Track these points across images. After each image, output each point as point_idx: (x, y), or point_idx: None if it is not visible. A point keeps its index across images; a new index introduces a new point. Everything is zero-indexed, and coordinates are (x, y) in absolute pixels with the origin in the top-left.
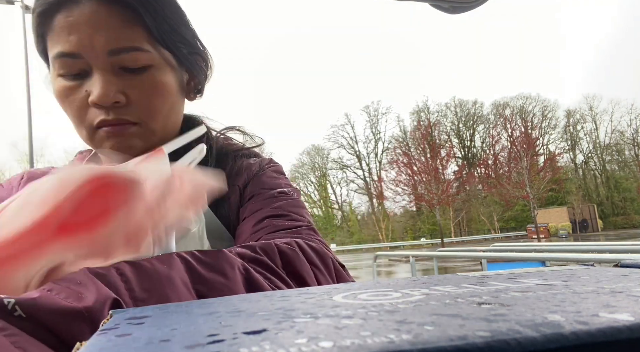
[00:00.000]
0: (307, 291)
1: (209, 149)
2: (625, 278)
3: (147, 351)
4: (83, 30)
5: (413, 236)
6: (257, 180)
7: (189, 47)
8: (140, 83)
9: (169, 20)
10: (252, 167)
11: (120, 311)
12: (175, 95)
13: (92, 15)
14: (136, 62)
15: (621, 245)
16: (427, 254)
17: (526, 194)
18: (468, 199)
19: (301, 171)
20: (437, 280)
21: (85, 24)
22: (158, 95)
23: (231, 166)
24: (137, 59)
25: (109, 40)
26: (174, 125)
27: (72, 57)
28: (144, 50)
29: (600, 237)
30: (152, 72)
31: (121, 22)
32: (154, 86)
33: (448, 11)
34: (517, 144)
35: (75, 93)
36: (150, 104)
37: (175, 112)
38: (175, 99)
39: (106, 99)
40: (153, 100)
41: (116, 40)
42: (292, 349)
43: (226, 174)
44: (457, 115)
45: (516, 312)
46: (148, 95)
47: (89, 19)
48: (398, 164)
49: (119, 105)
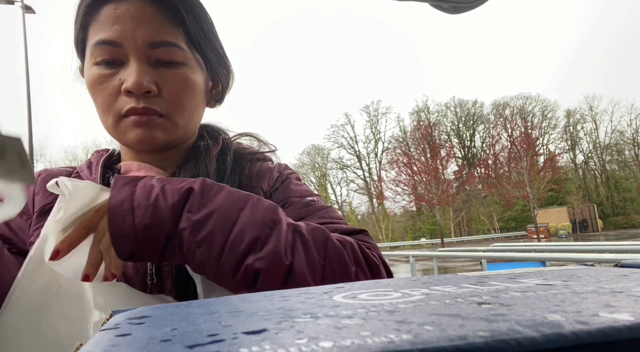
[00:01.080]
0: (307, 290)
1: (227, 151)
2: (625, 278)
3: (147, 351)
4: (128, 21)
5: (413, 236)
6: (286, 188)
7: (217, 56)
8: (173, 77)
9: (204, 27)
10: (272, 171)
11: (120, 311)
12: (201, 97)
13: (137, 10)
14: (172, 57)
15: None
16: (427, 254)
17: (526, 194)
18: (468, 199)
19: (301, 171)
20: (437, 280)
21: (130, 16)
22: (187, 92)
23: (249, 169)
24: (174, 54)
25: (151, 34)
26: (195, 126)
27: (113, 45)
28: (181, 48)
29: (600, 237)
30: (185, 69)
31: (164, 20)
32: (185, 82)
33: (448, 11)
34: (517, 144)
35: (109, 81)
36: (178, 98)
37: (198, 113)
38: (201, 100)
39: (139, 87)
40: (182, 95)
41: (157, 34)
42: (292, 349)
43: (244, 176)
44: (457, 115)
45: (516, 312)
46: (178, 90)
47: (134, 12)
48: (398, 164)
49: (150, 95)
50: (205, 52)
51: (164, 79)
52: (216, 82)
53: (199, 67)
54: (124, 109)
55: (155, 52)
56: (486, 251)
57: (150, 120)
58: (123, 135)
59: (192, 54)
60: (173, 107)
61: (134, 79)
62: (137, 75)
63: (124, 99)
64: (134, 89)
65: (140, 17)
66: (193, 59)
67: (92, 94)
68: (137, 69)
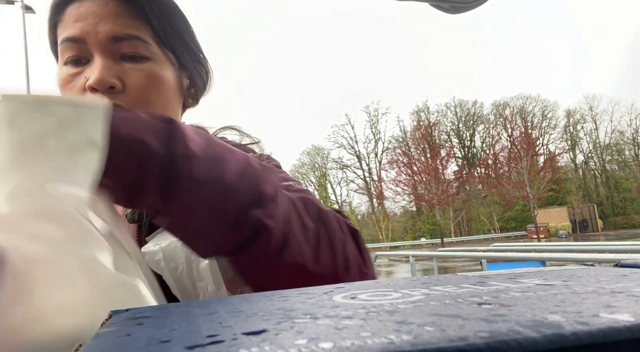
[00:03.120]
0: (306, 291)
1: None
2: (625, 278)
3: (147, 351)
4: (90, 17)
5: (413, 236)
6: None
7: (190, 53)
8: (138, 72)
9: (172, 23)
10: None
11: (120, 311)
12: (172, 93)
13: (100, 6)
14: (137, 51)
15: (621, 245)
16: (427, 254)
17: (526, 194)
18: (468, 199)
19: (301, 171)
20: (437, 280)
21: (92, 13)
22: (154, 87)
23: None
24: (138, 48)
25: (113, 28)
26: None
27: (76, 42)
28: (146, 41)
29: (600, 237)
30: (151, 64)
31: (127, 14)
32: (151, 77)
33: (448, 11)
34: (517, 144)
35: (75, 80)
36: (144, 94)
37: (170, 110)
38: (171, 96)
39: (102, 82)
40: (148, 90)
41: (120, 28)
42: (291, 349)
43: None
44: (457, 115)
45: (516, 313)
46: (144, 85)
47: (97, 9)
48: (398, 164)
49: (115, 91)
50: (175, 49)
51: (129, 74)
52: (192, 80)
53: (167, 62)
54: None
55: (119, 46)
56: (486, 251)
57: None
58: None
59: (159, 49)
60: (138, 103)
61: (97, 75)
62: (100, 71)
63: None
64: (97, 85)
65: (103, 12)
66: (161, 54)
67: (61, 93)
68: (100, 65)
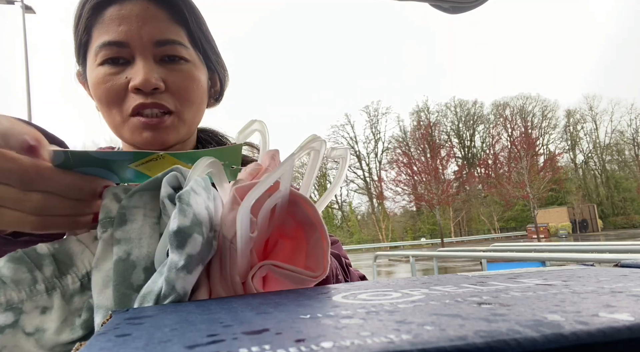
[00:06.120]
0: (306, 291)
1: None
2: (625, 278)
3: (147, 351)
4: (133, 21)
5: (413, 236)
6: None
7: (215, 55)
8: (179, 73)
9: (203, 28)
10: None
11: (121, 311)
12: (204, 94)
13: (142, 10)
14: (176, 54)
15: (621, 245)
16: (427, 254)
17: (526, 194)
18: (468, 199)
19: (301, 171)
20: (437, 280)
21: (135, 17)
22: (193, 87)
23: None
24: (178, 51)
25: (156, 33)
26: (197, 124)
27: (119, 46)
28: (185, 45)
29: (600, 237)
30: (189, 66)
31: (167, 19)
32: (190, 78)
33: (448, 11)
34: (517, 144)
35: (115, 79)
36: (185, 93)
37: (201, 110)
38: (204, 97)
39: (148, 83)
40: (188, 90)
41: (162, 33)
42: (291, 349)
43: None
44: (457, 115)
45: (516, 312)
46: (184, 85)
47: (139, 13)
48: (398, 164)
49: (158, 92)
50: (205, 51)
51: (171, 75)
52: (214, 81)
53: (201, 65)
54: (131, 107)
55: (161, 50)
56: (486, 251)
57: (160, 122)
58: (130, 135)
59: (194, 52)
60: (180, 103)
61: (142, 76)
62: (145, 73)
63: (132, 97)
64: (142, 86)
65: (145, 16)
66: (196, 56)
67: (97, 93)
68: (145, 67)
